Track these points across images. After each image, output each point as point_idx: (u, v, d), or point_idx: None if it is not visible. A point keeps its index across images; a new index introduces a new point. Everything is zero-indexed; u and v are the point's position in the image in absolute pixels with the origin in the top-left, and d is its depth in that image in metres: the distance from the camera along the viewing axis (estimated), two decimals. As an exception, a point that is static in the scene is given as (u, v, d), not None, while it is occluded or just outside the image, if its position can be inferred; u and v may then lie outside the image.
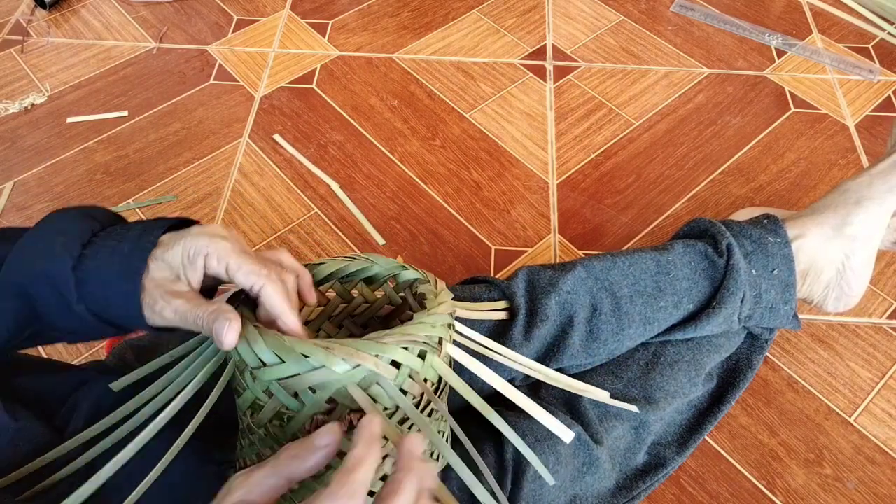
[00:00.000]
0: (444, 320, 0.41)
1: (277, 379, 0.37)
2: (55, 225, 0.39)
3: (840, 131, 1.01)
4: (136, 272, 0.37)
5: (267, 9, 1.23)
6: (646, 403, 0.63)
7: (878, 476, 0.69)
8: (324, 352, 0.36)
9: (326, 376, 0.36)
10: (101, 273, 0.38)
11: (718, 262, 0.65)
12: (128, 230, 0.40)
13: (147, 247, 0.38)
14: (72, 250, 0.38)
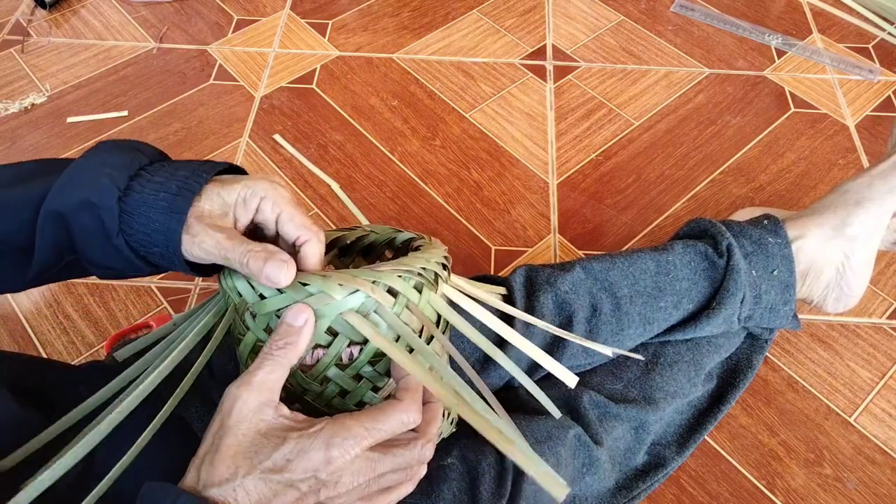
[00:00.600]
0: (438, 258, 0.42)
1: (277, 310, 0.37)
2: (102, 157, 0.39)
3: (840, 131, 1.01)
4: (181, 211, 0.37)
5: (267, 9, 1.23)
6: (645, 404, 0.63)
7: (878, 476, 0.69)
8: (321, 279, 0.37)
9: (325, 301, 0.36)
10: (145, 208, 0.38)
11: (718, 262, 0.65)
12: (177, 169, 0.40)
13: (195, 187, 0.38)
14: (118, 182, 0.38)
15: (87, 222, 0.38)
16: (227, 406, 0.34)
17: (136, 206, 0.38)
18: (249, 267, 0.37)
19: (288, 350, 0.35)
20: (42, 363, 0.55)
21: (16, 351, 0.79)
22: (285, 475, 0.32)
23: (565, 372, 0.44)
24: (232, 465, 0.32)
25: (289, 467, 0.32)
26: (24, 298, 0.84)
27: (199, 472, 0.33)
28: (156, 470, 0.45)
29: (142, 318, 0.82)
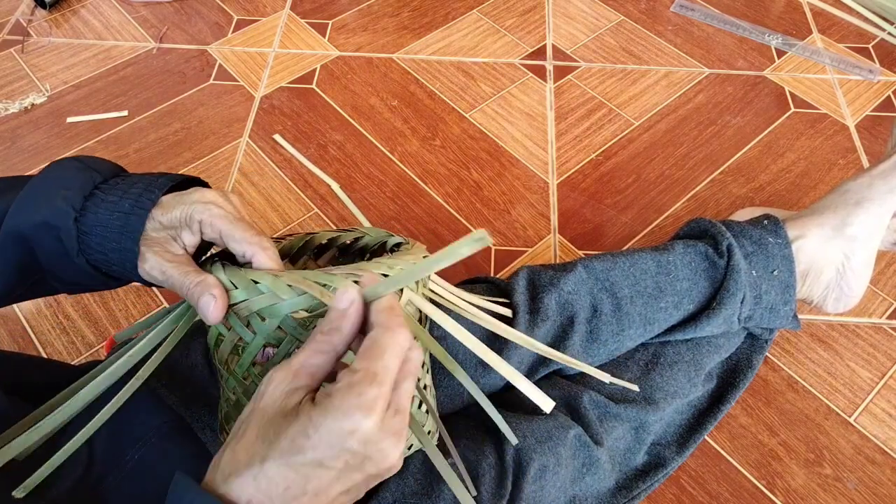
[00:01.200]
0: (402, 264, 0.41)
1: (231, 305, 0.38)
2: (57, 175, 0.40)
3: (840, 131, 1.01)
4: (135, 231, 0.39)
5: (267, 9, 1.23)
6: (646, 404, 0.63)
7: (878, 476, 0.69)
8: (272, 278, 0.37)
9: (273, 301, 0.37)
10: (101, 228, 0.39)
11: (719, 262, 0.65)
12: (130, 186, 0.40)
13: (147, 205, 0.39)
14: (74, 202, 0.39)
15: (48, 243, 0.39)
16: (262, 388, 0.32)
17: (91, 226, 0.39)
18: (195, 303, 0.38)
19: (332, 336, 0.33)
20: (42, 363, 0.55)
21: (16, 351, 0.79)
22: (308, 455, 0.29)
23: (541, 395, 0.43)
24: (251, 450, 0.30)
25: (308, 445, 0.29)
26: (24, 298, 0.84)
27: (221, 459, 0.31)
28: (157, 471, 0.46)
29: (142, 319, 0.82)
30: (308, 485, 0.29)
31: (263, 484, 0.29)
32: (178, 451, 0.47)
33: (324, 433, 0.29)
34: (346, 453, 0.29)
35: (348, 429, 0.29)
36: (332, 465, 0.29)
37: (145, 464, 0.45)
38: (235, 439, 0.31)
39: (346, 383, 0.30)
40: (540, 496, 0.54)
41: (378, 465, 0.30)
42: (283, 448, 0.29)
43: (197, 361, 0.54)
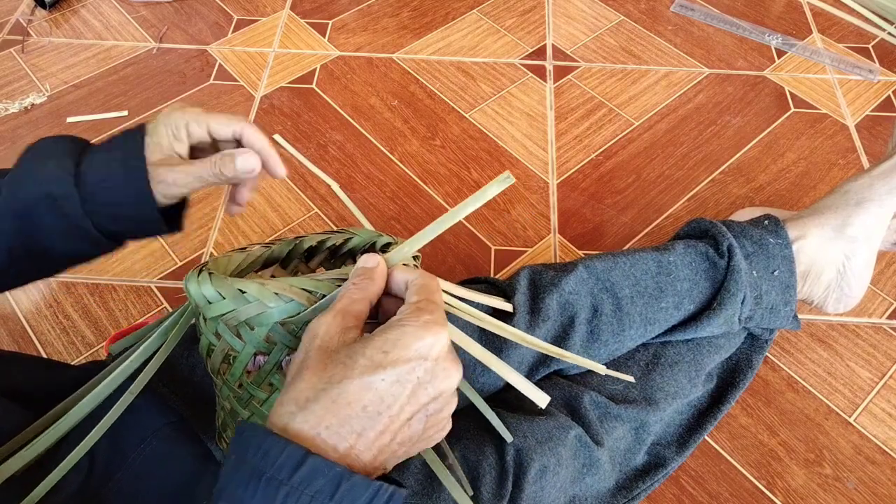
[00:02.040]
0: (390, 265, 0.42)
1: (219, 315, 0.38)
2: (38, 153, 0.42)
3: (840, 131, 1.01)
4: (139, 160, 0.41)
5: (267, 9, 1.23)
6: (646, 404, 0.63)
7: (878, 476, 0.69)
8: (258, 287, 0.37)
9: (261, 310, 0.37)
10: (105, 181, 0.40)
11: (719, 262, 0.65)
12: (108, 144, 0.43)
13: (138, 140, 0.42)
14: (67, 168, 0.40)
15: (50, 215, 0.39)
16: (312, 332, 0.33)
17: (93, 185, 0.40)
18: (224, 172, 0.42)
19: (365, 282, 0.35)
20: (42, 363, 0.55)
21: (16, 351, 0.79)
22: (387, 371, 0.30)
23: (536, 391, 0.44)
24: (325, 375, 0.30)
25: (389, 359, 0.30)
26: (24, 298, 0.84)
27: (286, 397, 0.30)
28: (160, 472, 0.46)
29: (142, 318, 0.82)
30: (384, 403, 0.30)
31: (343, 405, 0.29)
32: (180, 452, 0.47)
33: (401, 347, 0.30)
34: (419, 368, 0.31)
35: (424, 342, 0.31)
36: (407, 381, 0.30)
37: (148, 464, 0.45)
38: (296, 377, 0.31)
39: (413, 309, 0.33)
40: (540, 496, 0.54)
41: (442, 384, 0.32)
42: (361, 366, 0.30)
43: (197, 362, 0.54)
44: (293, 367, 0.32)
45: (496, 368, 0.43)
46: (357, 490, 0.28)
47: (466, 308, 0.50)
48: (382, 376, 0.30)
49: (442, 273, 0.86)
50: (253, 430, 0.29)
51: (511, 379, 0.42)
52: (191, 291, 0.39)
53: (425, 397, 0.31)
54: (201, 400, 0.52)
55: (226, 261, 0.47)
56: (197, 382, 0.53)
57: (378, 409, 0.30)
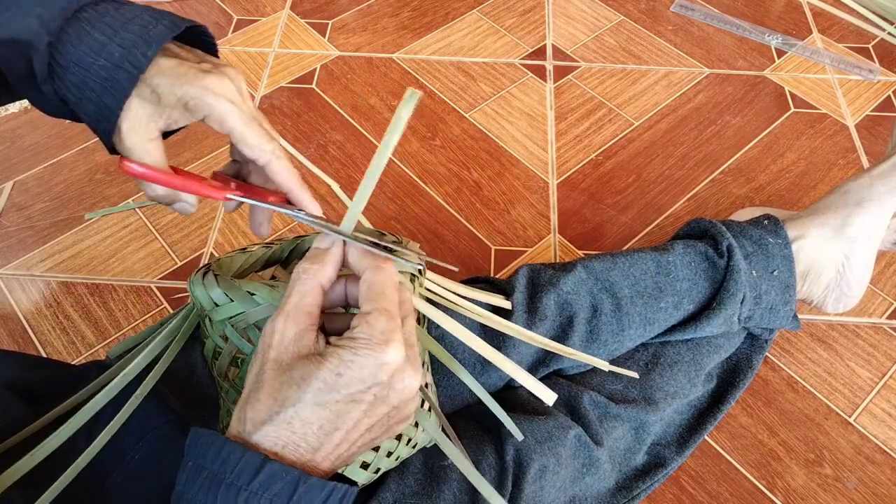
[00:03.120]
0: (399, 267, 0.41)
1: (228, 318, 0.38)
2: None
3: (840, 131, 1.01)
4: (121, 91, 0.33)
5: (267, 9, 1.23)
6: (646, 404, 0.63)
7: (878, 476, 0.69)
8: (268, 289, 0.37)
9: (269, 312, 0.37)
10: (79, 70, 0.33)
11: (719, 262, 0.65)
12: (123, 23, 0.34)
13: (142, 62, 0.33)
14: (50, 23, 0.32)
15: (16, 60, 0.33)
16: (266, 341, 0.32)
17: (68, 62, 0.33)
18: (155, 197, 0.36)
19: (314, 270, 0.34)
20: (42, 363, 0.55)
21: (16, 351, 0.79)
22: (342, 392, 0.30)
23: (543, 389, 0.44)
24: (280, 397, 0.30)
25: (342, 382, 0.30)
26: (24, 298, 0.84)
27: (244, 413, 0.31)
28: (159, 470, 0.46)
29: (142, 318, 0.82)
30: (339, 420, 0.30)
31: (297, 426, 0.30)
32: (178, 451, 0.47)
33: (355, 369, 0.30)
34: (375, 386, 0.31)
35: (378, 362, 0.30)
36: (362, 399, 0.30)
37: (147, 463, 0.45)
38: (253, 393, 0.31)
39: (363, 322, 0.31)
40: (540, 496, 0.54)
41: (401, 395, 0.32)
42: (315, 389, 0.30)
43: (196, 361, 0.54)
44: (250, 377, 0.32)
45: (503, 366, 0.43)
46: (313, 492, 0.29)
47: (469, 305, 0.50)
48: (336, 398, 0.30)
49: (442, 273, 0.86)
50: (211, 437, 0.30)
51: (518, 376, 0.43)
52: (197, 294, 0.39)
53: (383, 408, 0.32)
54: (200, 399, 0.52)
55: (228, 261, 0.46)
56: (195, 382, 0.53)
57: (334, 425, 0.30)
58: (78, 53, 0.33)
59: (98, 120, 0.34)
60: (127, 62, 0.33)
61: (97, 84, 0.33)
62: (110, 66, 0.33)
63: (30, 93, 0.35)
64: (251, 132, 0.36)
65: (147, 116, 0.35)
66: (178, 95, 0.34)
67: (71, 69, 0.33)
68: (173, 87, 0.34)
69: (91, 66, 0.33)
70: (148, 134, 0.35)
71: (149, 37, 0.33)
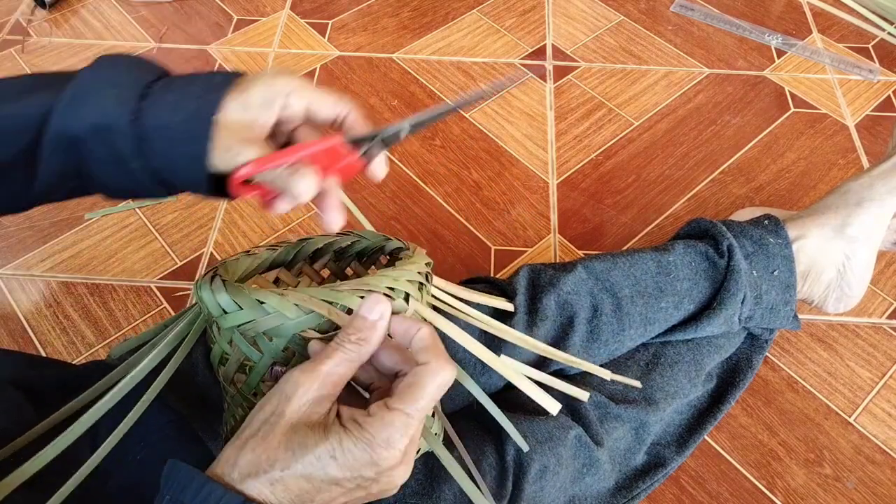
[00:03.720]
0: (408, 276, 0.41)
1: (236, 326, 0.37)
2: (104, 74, 0.37)
3: (840, 131, 1.01)
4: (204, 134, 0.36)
5: (267, 9, 1.23)
6: (646, 404, 0.63)
7: (878, 476, 0.69)
8: (278, 298, 0.37)
9: (280, 321, 0.37)
10: (163, 130, 0.36)
11: (719, 262, 0.65)
12: (188, 84, 0.37)
13: (213, 104, 0.36)
14: (128, 103, 0.35)
15: (100, 147, 0.36)
16: (288, 392, 0.32)
17: (152, 128, 0.36)
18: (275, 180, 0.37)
19: (360, 346, 0.34)
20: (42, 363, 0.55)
21: (16, 350, 0.79)
22: (330, 473, 0.31)
23: (547, 398, 0.44)
24: (272, 456, 0.31)
25: (333, 465, 0.31)
26: (24, 298, 0.84)
27: (238, 457, 0.31)
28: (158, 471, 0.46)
29: (142, 318, 0.82)
30: (317, 495, 0.31)
31: (279, 489, 0.30)
32: (180, 451, 0.47)
33: (349, 458, 0.31)
34: (360, 478, 0.31)
35: (373, 460, 0.31)
36: (345, 485, 0.31)
37: (149, 463, 0.45)
38: (256, 438, 0.31)
39: (379, 418, 0.32)
40: (540, 496, 0.54)
41: (384, 486, 0.33)
42: (307, 462, 0.31)
43: (198, 360, 0.54)
44: (256, 418, 0.32)
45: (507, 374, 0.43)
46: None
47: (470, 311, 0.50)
48: (322, 476, 0.31)
49: (442, 273, 0.86)
50: (191, 473, 0.30)
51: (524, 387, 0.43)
52: (205, 300, 0.39)
53: (362, 493, 0.32)
54: (202, 400, 0.52)
55: (234, 265, 0.46)
56: (198, 383, 0.53)
57: (311, 497, 0.31)
58: (159, 119, 0.36)
59: (192, 166, 0.36)
60: (203, 109, 0.36)
61: (183, 134, 0.36)
62: (189, 117, 0.36)
63: (115, 176, 0.37)
64: (328, 92, 0.40)
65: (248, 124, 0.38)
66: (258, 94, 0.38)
67: (156, 135, 0.36)
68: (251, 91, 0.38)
69: (172, 123, 0.36)
70: (255, 133, 0.37)
71: (212, 85, 0.37)
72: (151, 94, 0.36)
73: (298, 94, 0.39)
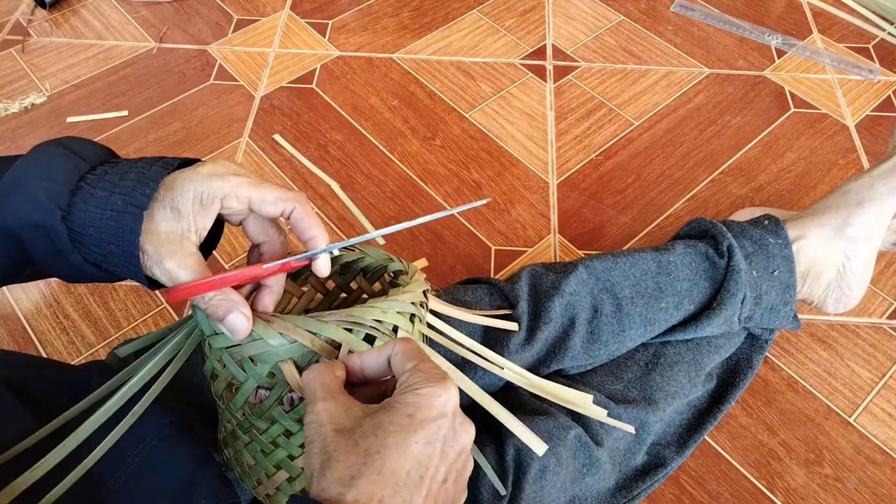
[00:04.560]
0: (398, 307, 0.41)
1: (225, 348, 0.39)
2: (37, 166, 0.35)
3: (840, 131, 1.01)
4: (132, 232, 0.35)
5: (267, 8, 1.23)
6: (646, 404, 0.63)
7: (878, 476, 0.69)
8: (263, 325, 0.38)
9: (264, 348, 0.37)
10: (94, 229, 0.35)
11: (719, 262, 0.65)
12: (120, 176, 0.36)
13: (141, 202, 0.35)
14: (59, 199, 0.34)
15: (39, 241, 0.35)
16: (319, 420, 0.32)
17: (83, 226, 0.35)
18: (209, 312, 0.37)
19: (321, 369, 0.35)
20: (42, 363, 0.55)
21: (15, 350, 0.79)
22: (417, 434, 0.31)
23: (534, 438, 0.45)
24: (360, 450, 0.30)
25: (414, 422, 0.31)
26: (24, 298, 0.84)
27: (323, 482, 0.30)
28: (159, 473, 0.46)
29: (141, 318, 0.82)
30: (422, 467, 0.30)
31: (388, 475, 0.29)
32: (179, 452, 0.47)
33: (424, 408, 0.31)
34: (444, 426, 0.32)
35: (441, 399, 0.32)
36: (436, 440, 0.31)
37: (147, 466, 0.45)
38: (327, 462, 0.30)
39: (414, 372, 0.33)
40: (540, 496, 0.54)
41: (463, 438, 0.33)
42: (393, 432, 0.30)
43: (197, 363, 0.54)
44: (315, 457, 0.31)
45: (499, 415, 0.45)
46: None
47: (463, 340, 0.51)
48: (415, 439, 0.30)
49: (442, 273, 0.86)
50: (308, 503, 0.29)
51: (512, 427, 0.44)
52: (198, 319, 0.40)
53: (453, 453, 0.32)
54: (201, 401, 0.52)
55: None
56: (197, 384, 0.53)
57: (419, 473, 0.30)
58: (88, 215, 0.35)
59: (127, 266, 0.36)
60: (130, 206, 0.35)
61: (111, 235, 0.35)
62: (116, 215, 0.35)
63: (61, 267, 0.37)
64: (267, 189, 0.38)
65: (178, 236, 0.36)
66: (190, 198, 0.36)
67: (87, 232, 0.35)
68: (183, 193, 0.36)
69: (101, 221, 0.35)
70: (184, 250, 0.36)
71: (146, 178, 0.36)
72: (84, 187, 0.35)
73: (236, 196, 0.37)
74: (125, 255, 0.35)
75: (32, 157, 0.36)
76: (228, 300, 0.37)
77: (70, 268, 0.37)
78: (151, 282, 0.37)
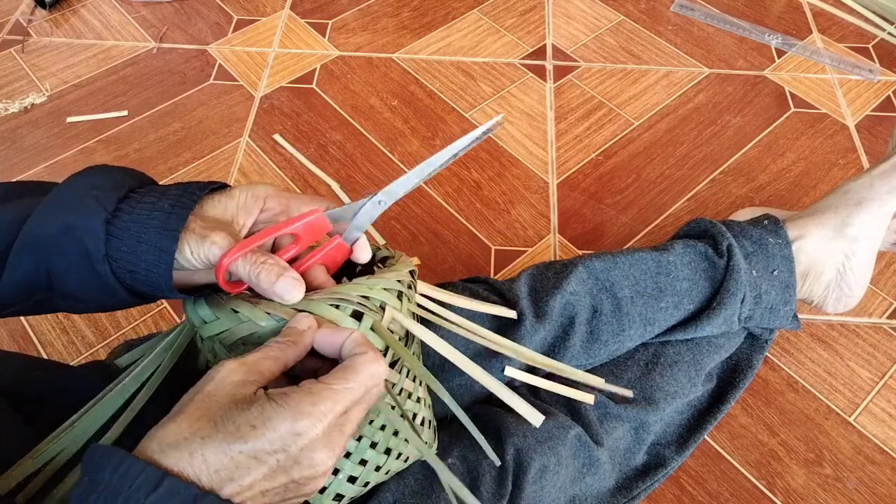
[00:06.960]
0: (384, 284, 0.41)
1: (215, 335, 0.39)
2: (90, 179, 0.39)
3: (840, 131, 1.01)
4: (175, 228, 0.37)
5: (267, 9, 1.23)
6: (646, 404, 0.63)
7: (878, 476, 0.69)
8: (250, 307, 0.38)
9: (253, 329, 0.38)
10: (136, 227, 0.37)
11: (719, 262, 0.65)
12: (167, 189, 0.40)
13: (190, 203, 0.38)
14: (106, 203, 0.37)
15: (69, 248, 0.36)
16: (212, 373, 0.33)
17: (125, 226, 0.37)
18: (260, 279, 0.37)
19: (288, 346, 0.35)
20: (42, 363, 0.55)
21: (15, 351, 0.79)
22: (248, 444, 0.30)
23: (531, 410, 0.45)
24: (194, 426, 0.30)
25: (253, 435, 0.30)
26: (24, 298, 0.84)
27: (161, 431, 0.30)
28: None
29: (141, 318, 0.82)
30: (236, 473, 0.30)
31: (197, 461, 0.29)
32: None
33: (270, 427, 0.30)
34: (282, 453, 0.30)
35: (294, 430, 0.30)
36: (265, 461, 0.30)
37: None
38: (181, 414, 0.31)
39: (306, 389, 0.32)
40: (540, 496, 0.54)
41: (304, 471, 0.31)
42: (227, 431, 0.30)
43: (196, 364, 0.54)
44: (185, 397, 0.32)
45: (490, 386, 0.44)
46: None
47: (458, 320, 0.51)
48: (240, 448, 0.30)
49: (442, 273, 0.86)
50: (111, 451, 0.29)
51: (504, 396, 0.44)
52: (188, 312, 0.40)
53: (283, 478, 0.31)
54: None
55: None
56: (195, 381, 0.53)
57: (230, 476, 0.30)
58: (133, 217, 0.37)
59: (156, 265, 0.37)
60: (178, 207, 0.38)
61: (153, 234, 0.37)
62: (164, 215, 0.37)
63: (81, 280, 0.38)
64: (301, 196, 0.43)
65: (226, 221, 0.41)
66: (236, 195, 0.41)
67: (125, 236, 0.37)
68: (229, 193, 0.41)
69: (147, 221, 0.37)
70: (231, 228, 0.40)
71: (191, 189, 0.40)
72: (133, 196, 0.39)
73: (276, 197, 0.42)
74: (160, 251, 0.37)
75: (85, 173, 0.40)
76: (279, 265, 0.38)
77: (90, 281, 0.38)
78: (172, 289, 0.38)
